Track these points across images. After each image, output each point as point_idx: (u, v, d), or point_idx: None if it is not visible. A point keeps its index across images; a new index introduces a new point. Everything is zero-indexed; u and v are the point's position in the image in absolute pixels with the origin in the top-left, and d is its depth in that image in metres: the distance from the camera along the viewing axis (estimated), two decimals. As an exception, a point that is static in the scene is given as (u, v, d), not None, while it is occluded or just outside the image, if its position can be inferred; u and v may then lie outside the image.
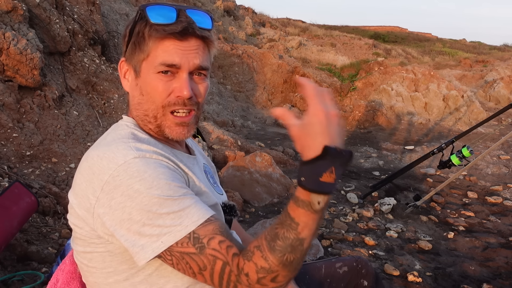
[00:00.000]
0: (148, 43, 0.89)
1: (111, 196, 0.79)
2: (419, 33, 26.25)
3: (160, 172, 0.81)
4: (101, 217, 0.81)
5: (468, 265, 2.65)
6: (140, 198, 0.78)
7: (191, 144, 1.11)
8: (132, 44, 0.91)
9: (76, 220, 0.88)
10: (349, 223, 3.25)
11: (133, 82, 0.94)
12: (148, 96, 0.91)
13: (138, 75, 0.92)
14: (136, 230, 0.78)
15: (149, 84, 0.90)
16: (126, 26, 0.94)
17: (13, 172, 2.74)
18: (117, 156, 0.82)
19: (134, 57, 0.92)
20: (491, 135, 5.69)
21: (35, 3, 3.72)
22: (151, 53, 0.89)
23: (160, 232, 0.78)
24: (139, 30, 0.90)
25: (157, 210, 0.78)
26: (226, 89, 7.54)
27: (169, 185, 0.80)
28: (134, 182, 0.79)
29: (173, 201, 0.79)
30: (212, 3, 11.86)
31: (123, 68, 0.97)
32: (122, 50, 0.96)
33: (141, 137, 0.91)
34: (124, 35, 0.94)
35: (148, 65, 0.90)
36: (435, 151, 3.36)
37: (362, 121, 6.81)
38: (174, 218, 0.78)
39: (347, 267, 1.32)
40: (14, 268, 2.12)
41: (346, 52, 12.99)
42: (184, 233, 0.78)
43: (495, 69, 9.51)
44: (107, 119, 3.89)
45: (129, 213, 0.78)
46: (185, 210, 0.79)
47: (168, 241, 0.78)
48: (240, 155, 4.10)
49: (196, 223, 0.79)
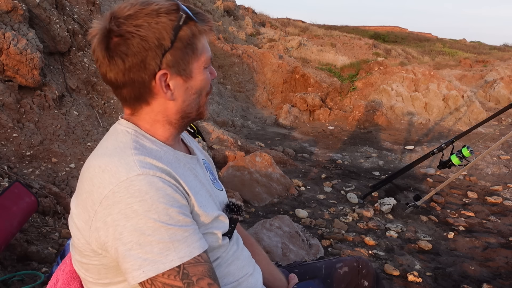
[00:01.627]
0: (200, 43, 0.91)
1: (108, 212, 0.79)
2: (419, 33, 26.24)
3: (160, 195, 0.80)
4: (97, 231, 0.81)
5: (468, 265, 2.65)
6: (136, 219, 0.78)
7: (189, 141, 1.11)
8: (180, 50, 0.88)
9: (75, 230, 0.88)
10: (349, 223, 3.25)
11: (182, 88, 0.91)
12: (199, 92, 0.94)
13: (188, 77, 0.92)
14: (122, 252, 0.79)
15: (202, 80, 0.93)
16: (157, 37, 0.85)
17: (13, 172, 2.74)
18: (120, 170, 0.81)
19: (183, 62, 0.89)
20: (491, 135, 5.69)
21: (35, 3, 3.72)
22: (203, 52, 0.92)
23: (145, 260, 0.78)
24: (191, 33, 0.88)
25: (148, 235, 0.78)
26: (226, 89, 7.54)
27: (167, 210, 0.80)
28: (133, 202, 0.78)
29: (167, 230, 0.79)
30: (212, 3, 11.86)
31: (162, 81, 0.89)
32: (152, 63, 0.86)
33: (145, 146, 0.89)
34: (158, 45, 0.85)
35: (199, 64, 0.92)
36: (435, 151, 3.36)
37: (362, 121, 6.81)
38: (162, 248, 0.78)
39: (348, 267, 1.32)
40: (14, 268, 2.12)
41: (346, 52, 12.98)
42: (167, 266, 0.78)
43: (495, 69, 9.51)
44: (107, 119, 3.89)
45: (120, 233, 0.78)
46: (174, 243, 0.79)
47: (150, 271, 0.78)
48: (240, 155, 4.10)
49: (181, 260, 0.79)
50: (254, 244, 1.23)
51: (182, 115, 0.94)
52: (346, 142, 5.92)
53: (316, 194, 3.84)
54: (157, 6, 0.86)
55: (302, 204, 3.57)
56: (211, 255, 0.91)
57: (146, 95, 0.90)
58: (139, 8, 0.86)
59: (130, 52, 0.85)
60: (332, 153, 5.32)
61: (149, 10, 0.85)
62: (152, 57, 0.86)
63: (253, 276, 1.05)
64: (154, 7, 0.86)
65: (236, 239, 1.05)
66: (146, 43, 0.84)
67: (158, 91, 0.90)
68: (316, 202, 3.63)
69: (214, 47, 8.10)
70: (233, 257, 1.00)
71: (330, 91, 7.84)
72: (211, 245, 0.91)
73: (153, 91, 0.90)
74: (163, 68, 0.87)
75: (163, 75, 0.88)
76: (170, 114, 0.93)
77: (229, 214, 1.02)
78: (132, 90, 0.90)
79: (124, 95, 0.91)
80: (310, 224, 3.18)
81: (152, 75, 0.87)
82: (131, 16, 0.85)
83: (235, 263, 1.00)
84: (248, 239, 1.22)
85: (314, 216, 3.34)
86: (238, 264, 1.01)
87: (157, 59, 0.86)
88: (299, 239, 2.67)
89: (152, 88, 0.89)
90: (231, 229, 1.00)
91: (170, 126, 0.95)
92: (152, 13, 0.85)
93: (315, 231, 3.05)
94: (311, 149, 5.48)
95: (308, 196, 3.77)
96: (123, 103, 0.94)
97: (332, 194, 3.88)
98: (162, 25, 0.85)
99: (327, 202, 3.67)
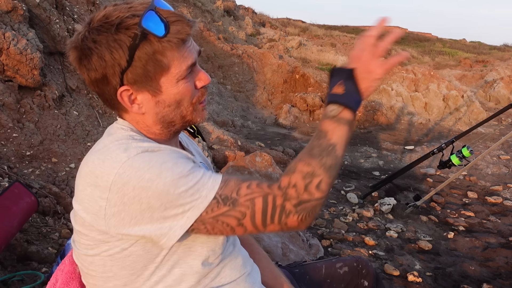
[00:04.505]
0: (166, 58, 0.84)
1: (122, 194, 0.80)
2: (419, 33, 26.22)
3: (164, 155, 0.83)
4: (116, 216, 0.81)
5: (468, 265, 2.65)
6: (154, 185, 0.79)
7: (187, 143, 1.11)
8: (140, 68, 0.84)
9: (82, 226, 0.87)
10: (349, 223, 3.25)
11: (151, 102, 0.88)
12: (177, 104, 0.89)
13: (157, 92, 0.87)
14: (159, 215, 0.80)
15: (178, 93, 0.88)
16: (113, 56, 0.83)
17: (13, 172, 2.74)
18: (120, 155, 0.82)
19: (145, 79, 0.86)
20: (491, 135, 5.69)
21: (35, 3, 3.72)
22: (172, 65, 0.85)
23: (184, 209, 0.80)
24: (151, 50, 0.83)
25: (174, 191, 0.79)
26: (226, 89, 7.54)
27: (176, 164, 0.82)
28: (143, 173, 0.79)
29: (186, 177, 0.81)
30: (212, 3, 11.86)
31: (125, 96, 0.87)
32: (112, 80, 0.85)
33: (140, 139, 0.90)
34: (114, 64, 0.83)
35: (171, 77, 0.86)
36: (435, 151, 3.36)
37: (362, 121, 6.81)
38: (192, 193, 0.80)
39: (348, 267, 1.32)
40: (14, 268, 2.12)
41: (346, 52, 12.98)
42: (206, 203, 0.80)
43: (495, 69, 9.51)
44: (107, 119, 3.89)
45: (148, 203, 0.79)
46: (198, 182, 0.81)
47: (193, 215, 0.80)
48: (240, 155, 4.10)
49: (214, 190, 0.81)
50: (254, 243, 1.23)
51: (163, 125, 0.92)
52: (346, 142, 5.91)
53: (316, 194, 3.84)
54: (120, 17, 0.83)
55: (302, 204, 3.57)
56: (209, 258, 0.92)
57: (117, 106, 0.91)
58: (104, 20, 0.84)
59: (91, 67, 0.85)
60: (332, 153, 5.32)
61: (111, 23, 0.83)
62: (111, 74, 0.85)
63: (251, 275, 1.05)
64: (117, 19, 0.83)
65: (232, 240, 1.05)
66: (103, 61, 0.84)
67: (126, 105, 0.89)
68: (316, 202, 3.63)
69: (214, 47, 8.10)
70: (230, 257, 1.00)
71: (330, 91, 7.84)
72: (209, 244, 0.92)
73: (121, 104, 0.90)
74: (125, 84, 0.86)
75: (125, 91, 0.87)
76: (150, 125, 0.92)
77: None
78: (105, 100, 0.92)
79: (103, 101, 0.93)
80: (310, 224, 3.18)
81: (115, 90, 0.87)
82: (95, 29, 0.84)
83: (232, 263, 1.00)
84: (247, 239, 1.22)
85: (314, 216, 3.34)
86: (235, 264, 1.01)
87: (116, 77, 0.85)
88: (299, 239, 2.67)
89: (119, 102, 0.89)
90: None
91: (158, 132, 0.94)
92: (112, 28, 0.83)
93: (315, 231, 3.05)
94: (311, 149, 5.48)
95: (308, 196, 3.77)
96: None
97: (332, 194, 3.88)
98: (119, 43, 0.82)
99: (327, 202, 3.67)
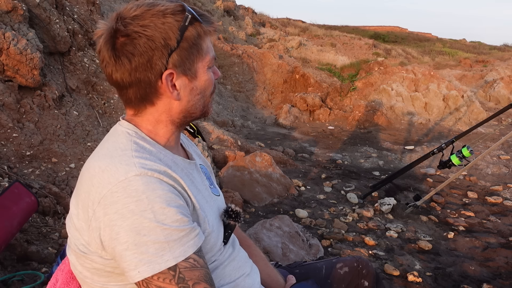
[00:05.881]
0: (205, 43, 0.92)
1: (105, 212, 0.80)
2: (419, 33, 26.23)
3: (157, 195, 0.81)
4: (95, 231, 0.82)
5: (468, 265, 2.65)
6: (132, 219, 0.78)
7: (187, 145, 1.11)
8: (186, 50, 0.88)
9: (73, 231, 0.88)
10: (349, 223, 3.25)
11: (187, 88, 0.92)
12: (203, 92, 0.95)
13: (194, 77, 0.92)
14: (119, 252, 0.79)
15: (206, 80, 0.94)
16: (164, 37, 0.86)
17: (13, 172, 2.74)
18: (119, 171, 0.82)
19: (188, 62, 0.90)
20: (491, 135, 5.69)
21: (35, 3, 3.72)
22: (207, 52, 0.93)
23: (140, 261, 0.78)
24: (196, 33, 0.89)
25: (144, 236, 0.78)
26: (226, 89, 7.54)
27: (163, 210, 0.80)
28: (130, 202, 0.78)
29: (162, 230, 0.79)
30: (212, 3, 11.86)
31: (169, 81, 0.89)
32: (158, 63, 0.87)
33: (144, 148, 0.90)
34: (164, 45, 0.86)
35: (204, 64, 0.93)
36: (435, 151, 3.36)
37: (362, 121, 6.81)
38: (157, 249, 0.78)
39: (348, 267, 1.32)
40: (14, 268, 2.12)
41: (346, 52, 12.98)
42: (163, 266, 0.78)
43: (495, 69, 9.51)
44: (107, 119, 3.89)
45: (117, 233, 0.79)
46: (170, 243, 0.79)
47: (145, 271, 0.78)
48: (240, 155, 4.09)
49: (176, 259, 0.79)
50: (252, 245, 1.23)
51: (185, 115, 0.95)
52: (346, 142, 5.91)
53: (316, 194, 3.84)
54: (163, 7, 0.87)
55: (302, 204, 3.57)
56: (206, 258, 0.92)
57: (151, 95, 0.91)
58: (145, 9, 0.87)
59: (136, 52, 0.85)
60: (332, 153, 5.32)
61: (155, 11, 0.86)
62: (159, 57, 0.86)
63: (250, 276, 1.05)
64: (160, 8, 0.87)
65: (232, 242, 1.05)
66: (152, 42, 0.85)
67: (164, 91, 0.90)
68: (316, 202, 3.63)
69: (214, 47, 8.06)
70: (229, 259, 1.00)
71: (330, 91, 7.84)
72: (207, 246, 0.92)
73: (159, 91, 0.90)
74: (170, 68, 0.88)
75: (169, 74, 0.89)
76: (174, 114, 0.94)
77: (227, 219, 1.02)
78: (138, 90, 0.90)
79: (130, 95, 0.91)
80: (310, 224, 3.18)
81: (158, 75, 0.88)
82: (137, 16, 0.86)
83: (231, 265, 1.00)
84: (245, 241, 1.22)
85: (314, 216, 3.34)
86: (234, 265, 1.01)
87: (163, 59, 0.87)
88: (299, 239, 2.67)
89: (158, 88, 0.90)
90: (227, 234, 1.01)
91: (172, 126, 0.96)
92: (158, 14, 0.86)
93: (315, 231, 3.05)
94: (311, 149, 5.48)
95: (308, 196, 3.77)
96: (127, 104, 0.94)
97: (332, 194, 3.88)
98: (168, 25, 0.86)
99: (327, 202, 3.67)
